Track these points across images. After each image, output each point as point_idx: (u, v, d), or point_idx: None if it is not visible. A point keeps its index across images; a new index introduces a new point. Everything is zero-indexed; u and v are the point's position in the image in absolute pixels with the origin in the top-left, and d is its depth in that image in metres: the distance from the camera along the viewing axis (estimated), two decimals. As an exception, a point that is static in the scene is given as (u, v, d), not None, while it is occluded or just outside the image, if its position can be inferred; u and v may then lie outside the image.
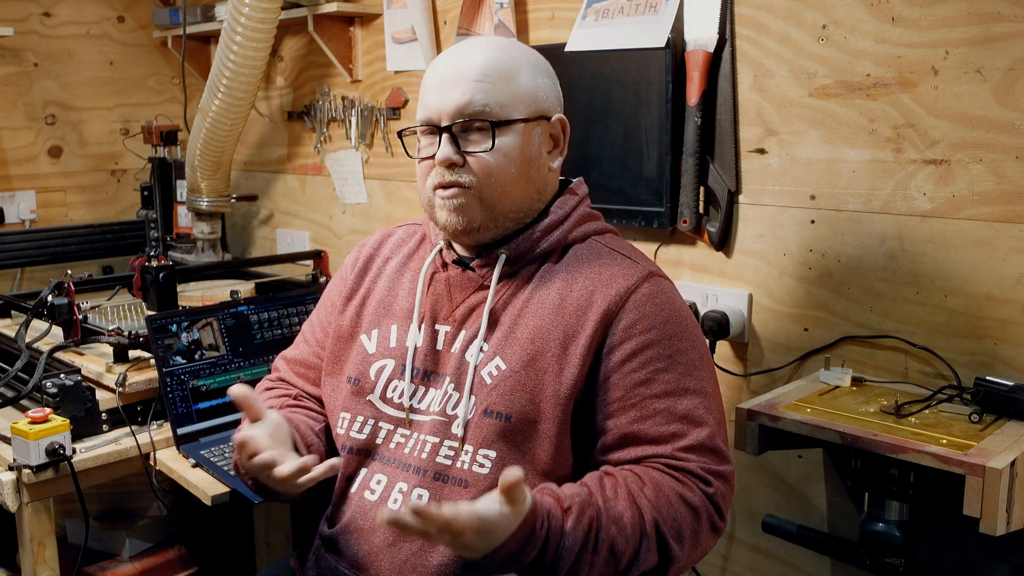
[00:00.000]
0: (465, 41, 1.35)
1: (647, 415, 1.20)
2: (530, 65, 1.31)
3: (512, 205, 1.29)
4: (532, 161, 1.29)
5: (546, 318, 1.25)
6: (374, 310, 1.39)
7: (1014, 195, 1.52)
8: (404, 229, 1.49)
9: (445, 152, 1.25)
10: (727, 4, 1.82)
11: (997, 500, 1.26)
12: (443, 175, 1.27)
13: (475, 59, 1.27)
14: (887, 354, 1.69)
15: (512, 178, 1.27)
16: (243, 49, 2.45)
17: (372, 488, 1.28)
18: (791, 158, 1.78)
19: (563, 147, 1.35)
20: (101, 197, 3.23)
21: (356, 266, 1.46)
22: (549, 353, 1.23)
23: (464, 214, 1.26)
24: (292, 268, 2.89)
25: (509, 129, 1.26)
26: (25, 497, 1.77)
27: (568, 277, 1.28)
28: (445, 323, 1.32)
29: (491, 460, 1.21)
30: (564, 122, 1.34)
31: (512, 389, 1.22)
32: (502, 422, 1.22)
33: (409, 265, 1.42)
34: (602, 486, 1.16)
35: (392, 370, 1.33)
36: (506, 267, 1.31)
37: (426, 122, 1.29)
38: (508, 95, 1.26)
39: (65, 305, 2.09)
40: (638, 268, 1.28)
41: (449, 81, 1.27)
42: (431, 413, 1.28)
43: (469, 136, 1.26)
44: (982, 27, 1.52)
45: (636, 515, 1.13)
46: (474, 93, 1.25)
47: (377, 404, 1.33)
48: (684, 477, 1.18)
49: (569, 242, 1.32)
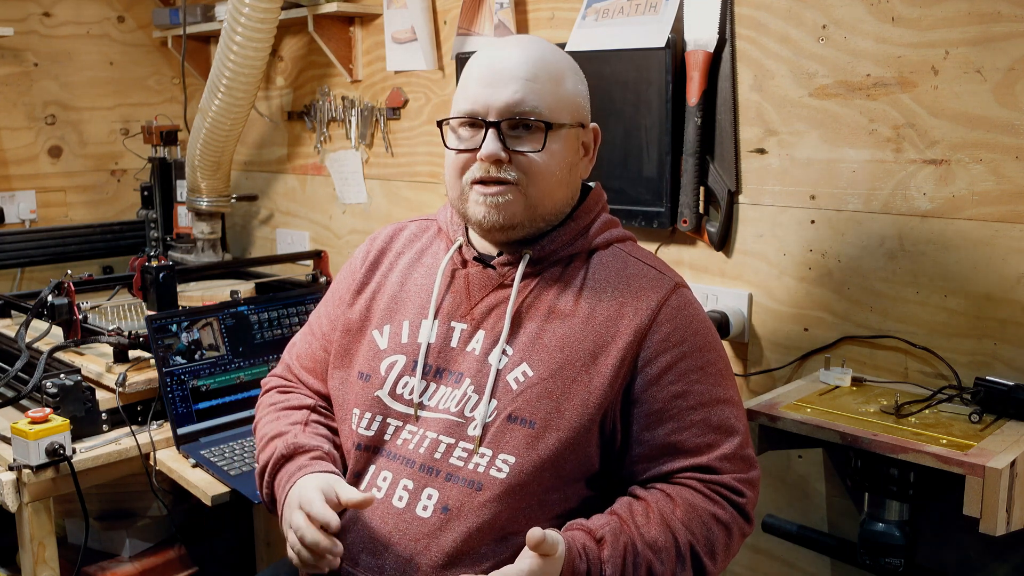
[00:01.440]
0: (509, 38, 1.34)
1: (684, 426, 1.22)
2: (572, 71, 1.31)
3: (552, 207, 1.29)
4: (572, 166, 1.30)
5: (576, 327, 1.25)
6: (386, 305, 1.38)
7: (1014, 195, 1.52)
8: (416, 224, 1.47)
9: (493, 148, 1.23)
10: (727, 4, 1.82)
11: (997, 500, 1.26)
12: (487, 170, 1.24)
13: (526, 57, 1.25)
14: (887, 354, 1.69)
15: (556, 181, 1.27)
16: (243, 49, 2.45)
17: (379, 485, 1.27)
18: (791, 158, 1.78)
19: (593, 155, 1.35)
20: (101, 197, 3.23)
21: (367, 260, 1.44)
22: (578, 363, 1.23)
23: (505, 210, 1.25)
24: (292, 268, 2.89)
25: (559, 132, 1.26)
26: (25, 497, 1.77)
27: (596, 287, 1.28)
28: (462, 321, 1.31)
29: (510, 465, 1.21)
30: (597, 131, 1.35)
31: (539, 396, 1.22)
32: (527, 428, 1.22)
33: (422, 260, 1.40)
34: (632, 512, 1.18)
35: (403, 366, 1.32)
36: (528, 267, 1.30)
37: (470, 115, 1.26)
38: (557, 98, 1.25)
39: (65, 305, 2.09)
40: (665, 280, 1.29)
41: (499, 76, 1.24)
42: (442, 411, 1.28)
43: (516, 133, 1.25)
44: (982, 27, 1.52)
45: (670, 538, 1.17)
46: (526, 92, 1.23)
47: (386, 400, 1.32)
48: (716, 494, 1.21)
49: (593, 247, 1.33)
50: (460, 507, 1.20)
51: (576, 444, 1.21)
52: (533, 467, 1.20)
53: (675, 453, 1.23)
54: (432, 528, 1.21)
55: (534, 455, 1.20)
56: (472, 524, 1.19)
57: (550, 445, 1.20)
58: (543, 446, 1.21)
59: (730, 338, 1.89)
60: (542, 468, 1.20)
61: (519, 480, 1.20)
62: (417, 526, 1.22)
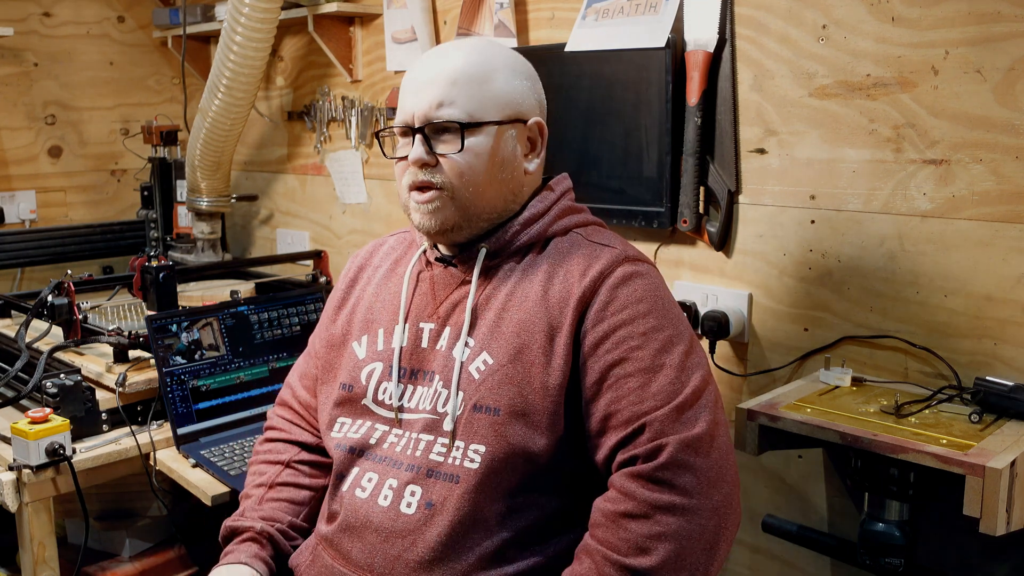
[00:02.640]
0: (444, 44, 1.37)
1: (622, 395, 1.19)
2: (507, 68, 1.32)
3: (486, 205, 1.31)
4: (505, 163, 1.31)
5: (530, 311, 1.26)
6: (363, 317, 1.42)
7: (1014, 195, 1.52)
8: (396, 238, 1.52)
9: (417, 152, 1.28)
10: (727, 4, 1.82)
11: (997, 500, 1.26)
12: (416, 175, 1.29)
13: (449, 62, 1.29)
14: (887, 354, 1.69)
15: (484, 179, 1.29)
16: (243, 49, 2.45)
17: (363, 486, 1.29)
18: (791, 158, 1.78)
19: (540, 150, 1.37)
20: (101, 197, 3.23)
21: (347, 277, 1.50)
22: (535, 345, 1.24)
23: (437, 216, 1.29)
24: (292, 268, 2.89)
25: (479, 131, 1.28)
26: (25, 497, 1.77)
27: (550, 270, 1.30)
28: (429, 320, 1.34)
29: (480, 455, 1.22)
30: (541, 125, 1.36)
31: (500, 383, 1.24)
32: (492, 416, 1.23)
33: (396, 270, 1.44)
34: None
35: (381, 372, 1.35)
36: (487, 261, 1.33)
37: (402, 124, 1.31)
38: (479, 98, 1.28)
39: (65, 305, 2.10)
40: (614, 252, 1.29)
41: (423, 83, 1.29)
42: (421, 411, 1.30)
43: (441, 137, 1.29)
44: (982, 27, 1.52)
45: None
46: (444, 95, 1.27)
47: (371, 407, 1.35)
48: (655, 489, 1.13)
49: (550, 235, 1.34)
50: (443, 501, 1.22)
51: (544, 427, 1.21)
52: (504, 454, 1.21)
53: (609, 427, 1.19)
54: (417, 524, 1.22)
55: (503, 442, 1.21)
56: (454, 517, 1.20)
57: (517, 431, 1.21)
58: (511, 432, 1.21)
59: (730, 338, 1.89)
60: (512, 454, 1.21)
61: (491, 468, 1.21)
62: (403, 523, 1.23)
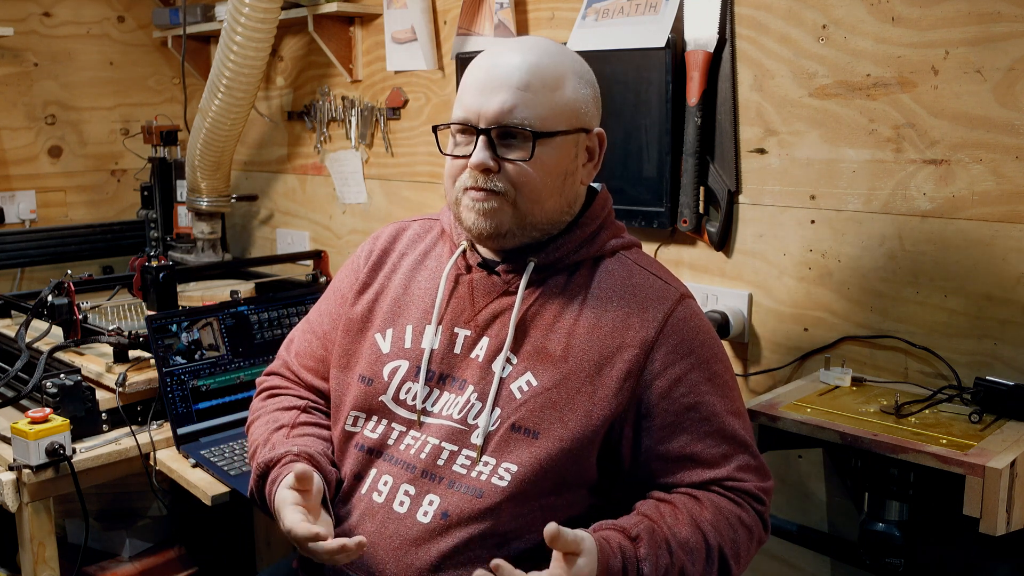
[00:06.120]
0: (510, 41, 1.30)
1: (698, 438, 1.23)
2: (575, 74, 1.26)
3: (544, 216, 1.27)
4: (568, 174, 1.27)
5: (581, 337, 1.24)
6: (388, 308, 1.37)
7: (1014, 195, 1.52)
8: (420, 224, 1.45)
9: (481, 157, 1.22)
10: (727, 4, 1.82)
11: (997, 500, 1.26)
12: (476, 179, 1.23)
13: (520, 64, 1.22)
14: (887, 354, 1.69)
15: (547, 190, 1.25)
16: (243, 49, 2.45)
17: (379, 490, 1.27)
18: (791, 158, 1.78)
19: (598, 160, 1.32)
20: (101, 197, 3.23)
21: (370, 259, 1.43)
22: (582, 373, 1.23)
23: (493, 219, 1.24)
24: (292, 268, 2.89)
25: (549, 141, 1.23)
26: (25, 497, 1.77)
27: (602, 296, 1.27)
28: (465, 327, 1.30)
29: (512, 474, 1.20)
30: (602, 136, 1.31)
31: (543, 407, 1.22)
32: (529, 438, 1.21)
33: (425, 263, 1.39)
34: (662, 513, 1.19)
35: (406, 371, 1.31)
36: (533, 275, 1.29)
37: (463, 121, 1.25)
38: (550, 106, 1.22)
39: (65, 305, 2.09)
40: (670, 291, 1.29)
41: (492, 83, 1.22)
42: (445, 417, 1.27)
43: (507, 142, 1.23)
44: (982, 27, 1.52)
45: (700, 539, 1.18)
46: (517, 100, 1.21)
47: (389, 405, 1.31)
48: (741, 498, 1.23)
49: (598, 255, 1.31)
50: (460, 513, 1.20)
51: (578, 454, 1.21)
52: (534, 475, 1.20)
53: (693, 464, 1.24)
54: (431, 532, 1.21)
55: (536, 464, 1.20)
56: (472, 531, 1.19)
57: (552, 455, 1.20)
58: (545, 456, 1.20)
59: (730, 338, 1.89)
60: (543, 477, 1.20)
61: (520, 488, 1.20)
62: (417, 530, 1.22)
